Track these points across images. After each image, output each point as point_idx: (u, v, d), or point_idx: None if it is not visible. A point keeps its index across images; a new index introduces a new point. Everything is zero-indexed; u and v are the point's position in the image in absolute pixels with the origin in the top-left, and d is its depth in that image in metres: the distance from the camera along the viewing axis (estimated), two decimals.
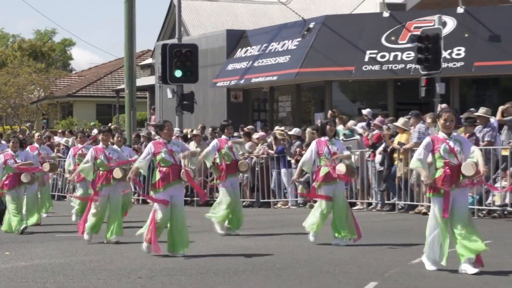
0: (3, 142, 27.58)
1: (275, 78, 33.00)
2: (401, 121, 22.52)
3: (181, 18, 34.21)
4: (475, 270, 11.51)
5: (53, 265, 14.57)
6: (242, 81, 34.32)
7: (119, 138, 22.38)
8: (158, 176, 14.06)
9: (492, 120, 21.24)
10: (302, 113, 32.27)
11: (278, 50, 33.56)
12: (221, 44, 36.00)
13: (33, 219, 19.74)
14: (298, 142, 24.24)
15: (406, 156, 20.78)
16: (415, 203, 21.94)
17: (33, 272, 13.88)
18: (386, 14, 32.12)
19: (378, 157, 22.28)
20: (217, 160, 18.32)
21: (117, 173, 16.61)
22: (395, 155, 21.64)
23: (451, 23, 30.33)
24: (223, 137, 18.23)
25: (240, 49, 35.56)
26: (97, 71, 63.11)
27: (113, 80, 55.63)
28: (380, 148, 22.32)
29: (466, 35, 30.03)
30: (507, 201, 20.03)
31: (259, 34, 35.66)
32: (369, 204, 22.64)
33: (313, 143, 15.56)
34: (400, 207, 22.30)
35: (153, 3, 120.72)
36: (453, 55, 29.04)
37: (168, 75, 29.47)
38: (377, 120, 24.09)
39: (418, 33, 27.42)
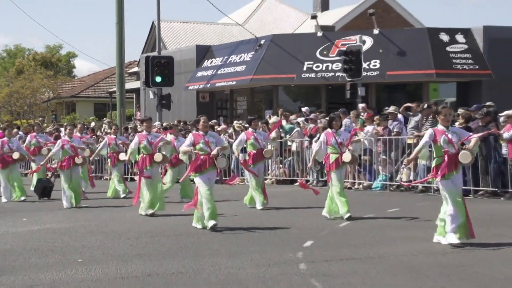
0: (20, 133, 27.07)
1: (234, 83, 33.03)
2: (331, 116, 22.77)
3: (160, 36, 34.16)
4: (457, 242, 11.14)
5: (60, 228, 14.70)
6: (208, 85, 34.35)
7: (116, 129, 22.36)
8: (196, 162, 13.61)
9: (400, 116, 21.54)
10: (255, 110, 32.27)
11: (236, 61, 33.56)
12: (192, 56, 35.97)
13: (77, 199, 18.47)
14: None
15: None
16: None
17: (45, 234, 14.04)
18: (319, 34, 32.27)
19: (314, 145, 22.33)
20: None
21: (158, 156, 16.12)
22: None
23: (369, 41, 30.55)
24: (250, 129, 17.67)
25: (206, 60, 35.54)
26: (94, 77, 62.68)
27: (107, 84, 55.25)
28: (316, 138, 22.43)
29: (380, 50, 30.25)
30: (411, 178, 20.27)
31: (221, 49, 35.66)
32: (307, 180, 22.64)
33: (323, 135, 15.06)
34: None
35: (138, 24, 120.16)
36: (371, 66, 29.25)
37: (150, 80, 29.47)
38: (312, 115, 24.29)
39: (344, 48, 27.59)
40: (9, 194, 20.12)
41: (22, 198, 20.15)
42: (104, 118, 40.47)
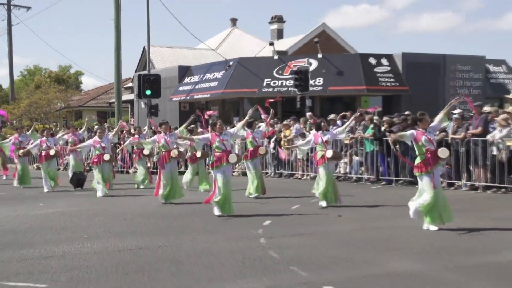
0: (27, 133, 25.71)
1: (208, 95, 32.99)
2: (285, 122, 22.83)
3: (150, 58, 33.93)
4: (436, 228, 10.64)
5: (70, 211, 14.53)
6: (188, 97, 34.29)
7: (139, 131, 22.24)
8: (213, 158, 13.02)
9: (338, 121, 21.58)
10: (226, 117, 32.19)
11: (210, 78, 33.51)
12: (175, 74, 35.83)
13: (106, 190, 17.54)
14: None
15: (289, 142, 20.87)
16: (293, 172, 22.08)
17: (58, 216, 13.86)
18: (276, 57, 32.29)
19: (272, 144, 22.37)
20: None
21: (174, 152, 15.29)
22: (282, 142, 21.71)
23: (314, 63, 30.58)
24: (249, 130, 16.45)
25: (186, 78, 35.44)
26: (97, 90, 62.26)
27: (108, 96, 54.82)
28: (273, 139, 22.48)
29: (323, 71, 30.31)
30: (347, 170, 20.34)
31: (198, 69, 35.57)
32: (266, 173, 22.61)
33: (311, 135, 14.54)
34: (285, 174, 22.38)
35: (133, 48, 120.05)
36: (316, 83, 29.30)
37: (141, 93, 29.23)
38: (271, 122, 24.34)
39: (295, 69, 27.61)
40: (50, 184, 19.35)
41: (46, 190, 19.22)
42: (105, 123, 40.34)
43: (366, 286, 7.20)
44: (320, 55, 31.23)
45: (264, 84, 30.97)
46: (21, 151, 20.74)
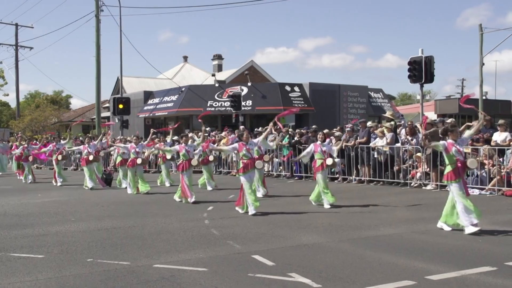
0: (62, 142, 24.21)
1: (166, 113, 32.63)
2: (223, 133, 22.66)
3: (122, 85, 33.45)
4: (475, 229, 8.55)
5: (61, 200, 14.24)
6: (151, 115, 33.82)
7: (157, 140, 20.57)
8: (241, 165, 11.38)
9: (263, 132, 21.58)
10: (179, 130, 31.80)
11: (167, 100, 33.14)
12: (141, 97, 35.32)
13: (147, 186, 15.51)
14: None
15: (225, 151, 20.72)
16: (229, 170, 21.97)
17: (52, 203, 13.56)
18: (217, 84, 32.25)
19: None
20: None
21: (194, 161, 13.49)
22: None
23: (245, 89, 30.68)
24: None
25: (150, 100, 34.94)
26: (83, 109, 60.80)
27: (91, 113, 53.44)
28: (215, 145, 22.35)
29: (252, 95, 30.44)
30: (270, 169, 20.37)
31: (159, 93, 35.13)
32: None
33: (311, 145, 12.45)
34: (224, 172, 22.26)
35: (109, 77, 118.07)
36: (247, 104, 29.43)
37: (116, 111, 28.74)
38: (214, 133, 24.19)
39: (231, 93, 27.63)
40: (93, 183, 17.45)
41: (91, 186, 17.29)
42: (88, 134, 39.47)
43: (284, 254, 7.25)
44: (249, 84, 31.41)
45: (208, 105, 30.89)
46: (59, 156, 19.14)
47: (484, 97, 34.20)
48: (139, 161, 15.71)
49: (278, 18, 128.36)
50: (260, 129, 22.42)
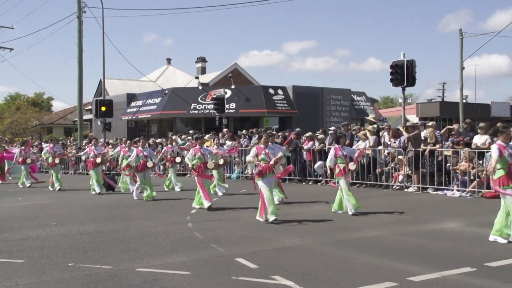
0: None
1: (149, 116, 32.50)
2: (207, 136, 22.57)
3: (105, 87, 33.22)
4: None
5: (43, 204, 14.16)
6: (134, 117, 33.64)
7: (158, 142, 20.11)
8: (258, 169, 10.47)
9: (247, 136, 21.65)
10: (163, 133, 31.74)
11: (151, 103, 32.98)
12: (124, 99, 35.13)
13: (154, 193, 14.56)
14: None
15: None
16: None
17: (33, 207, 13.46)
18: (200, 87, 32.15)
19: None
20: None
21: (210, 164, 12.76)
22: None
23: (229, 92, 30.69)
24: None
25: (133, 102, 34.76)
26: (64, 111, 60.25)
27: (73, 116, 53.10)
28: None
29: (236, 98, 30.45)
30: (252, 172, 20.36)
31: (142, 95, 34.96)
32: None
33: (332, 149, 11.67)
34: None
35: (92, 79, 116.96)
36: (230, 106, 29.37)
37: (98, 114, 28.50)
38: (196, 135, 23.97)
39: (215, 96, 27.58)
40: (100, 187, 16.58)
41: (99, 191, 16.49)
42: (69, 137, 39.09)
43: (267, 257, 7.25)
44: (233, 86, 31.39)
45: (192, 108, 30.83)
46: (57, 159, 18.35)
47: (464, 101, 34.58)
48: (149, 164, 14.66)
49: (262, 21, 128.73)
50: (244, 132, 22.42)
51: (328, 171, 12.07)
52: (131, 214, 11.76)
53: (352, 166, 11.43)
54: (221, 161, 14.79)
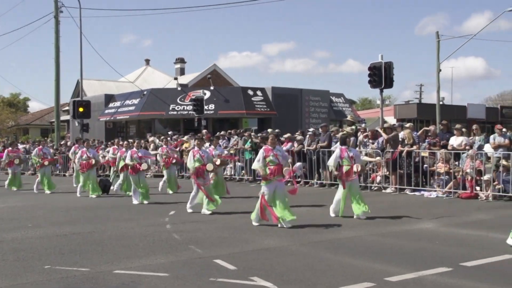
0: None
1: (128, 117, 32.31)
2: (186, 137, 22.58)
3: (82, 87, 32.91)
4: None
5: (18, 206, 13.99)
6: (112, 118, 33.40)
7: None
8: (268, 171, 9.96)
9: (226, 137, 21.63)
10: (141, 134, 31.54)
11: (129, 104, 32.80)
12: (102, 100, 34.84)
13: (145, 201, 13.87)
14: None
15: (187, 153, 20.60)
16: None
17: (8, 209, 13.27)
18: (179, 88, 32.08)
19: (178, 154, 22.06)
20: None
21: (210, 167, 12.12)
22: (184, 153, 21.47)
23: (208, 93, 30.65)
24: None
25: (111, 103, 34.52)
26: (41, 112, 59.53)
27: (50, 116, 52.44)
28: (177, 149, 22.14)
29: (215, 99, 30.43)
30: (232, 173, 20.28)
31: (120, 96, 34.75)
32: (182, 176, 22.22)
33: (337, 150, 11.33)
34: (186, 176, 22.09)
35: (69, 79, 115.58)
36: (209, 107, 29.30)
37: (76, 115, 28.21)
38: (175, 136, 24.01)
39: (194, 97, 27.52)
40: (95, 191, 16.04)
41: (94, 195, 15.86)
42: (45, 138, 38.57)
43: (246, 258, 7.25)
44: (212, 87, 31.39)
45: (170, 109, 30.73)
46: (46, 161, 18.00)
47: (441, 103, 35.00)
48: (144, 166, 14.20)
49: (242, 22, 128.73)
50: (222, 132, 22.39)
51: (334, 170, 11.72)
52: (109, 216, 11.67)
53: (357, 167, 11.04)
54: (217, 162, 14.00)
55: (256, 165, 10.22)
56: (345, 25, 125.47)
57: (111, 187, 16.95)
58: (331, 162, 11.35)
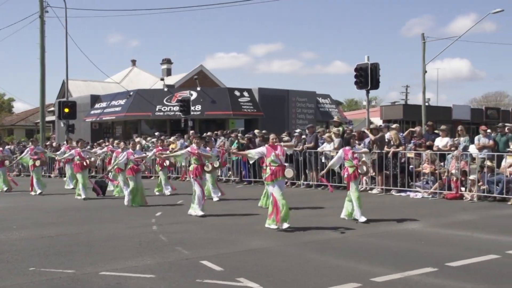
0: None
1: (114, 117, 32.14)
2: (172, 138, 22.48)
3: (68, 88, 32.59)
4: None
5: (3, 207, 13.76)
6: (98, 119, 33.22)
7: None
8: (269, 172, 9.73)
9: (213, 138, 21.48)
10: (127, 135, 31.39)
11: (115, 104, 32.65)
12: (88, 101, 34.65)
13: (136, 199, 13.67)
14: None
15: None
16: (178, 175, 21.76)
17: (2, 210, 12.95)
18: (165, 89, 32.03)
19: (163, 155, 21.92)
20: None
21: (208, 167, 11.93)
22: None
23: (195, 94, 30.62)
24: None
25: (97, 104, 34.33)
26: (26, 112, 59.10)
27: (35, 117, 52.09)
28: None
29: (201, 100, 30.39)
30: (219, 174, 20.28)
31: (106, 97, 34.56)
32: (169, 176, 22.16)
33: (341, 151, 10.94)
34: (173, 177, 22.00)
35: (55, 80, 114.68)
36: (196, 108, 29.29)
37: (61, 115, 27.96)
38: (162, 137, 23.82)
39: (180, 98, 27.46)
40: (86, 192, 15.49)
41: (84, 196, 15.36)
42: (32, 138, 38.30)
43: (233, 259, 7.24)
44: (198, 88, 31.34)
45: (157, 109, 30.64)
46: (38, 161, 17.67)
47: (426, 104, 35.25)
48: (142, 167, 14.02)
49: (229, 23, 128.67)
50: (209, 133, 22.35)
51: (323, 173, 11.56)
52: (95, 217, 11.59)
53: (361, 169, 10.76)
54: (216, 164, 13.98)
55: (252, 152, 10.21)
56: (332, 27, 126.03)
57: (109, 189, 16.84)
58: (333, 162, 11.12)
